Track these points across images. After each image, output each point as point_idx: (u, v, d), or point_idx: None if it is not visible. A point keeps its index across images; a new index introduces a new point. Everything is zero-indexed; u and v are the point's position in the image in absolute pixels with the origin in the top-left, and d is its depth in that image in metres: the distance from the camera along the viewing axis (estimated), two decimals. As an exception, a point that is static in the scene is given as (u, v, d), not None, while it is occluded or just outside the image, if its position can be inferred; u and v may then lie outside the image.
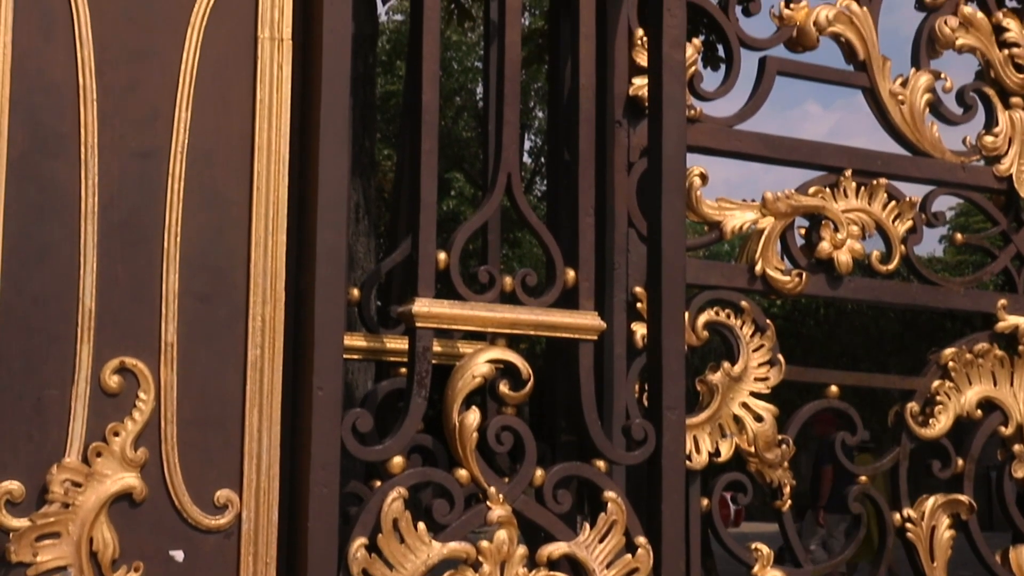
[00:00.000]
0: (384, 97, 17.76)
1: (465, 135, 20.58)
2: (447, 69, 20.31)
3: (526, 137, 20.73)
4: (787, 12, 3.24)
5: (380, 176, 14.06)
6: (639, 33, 3.08)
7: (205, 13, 2.39)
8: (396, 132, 16.80)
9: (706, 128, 3.11)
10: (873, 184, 3.27)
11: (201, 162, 2.37)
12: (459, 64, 20.93)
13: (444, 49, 20.25)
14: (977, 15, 3.46)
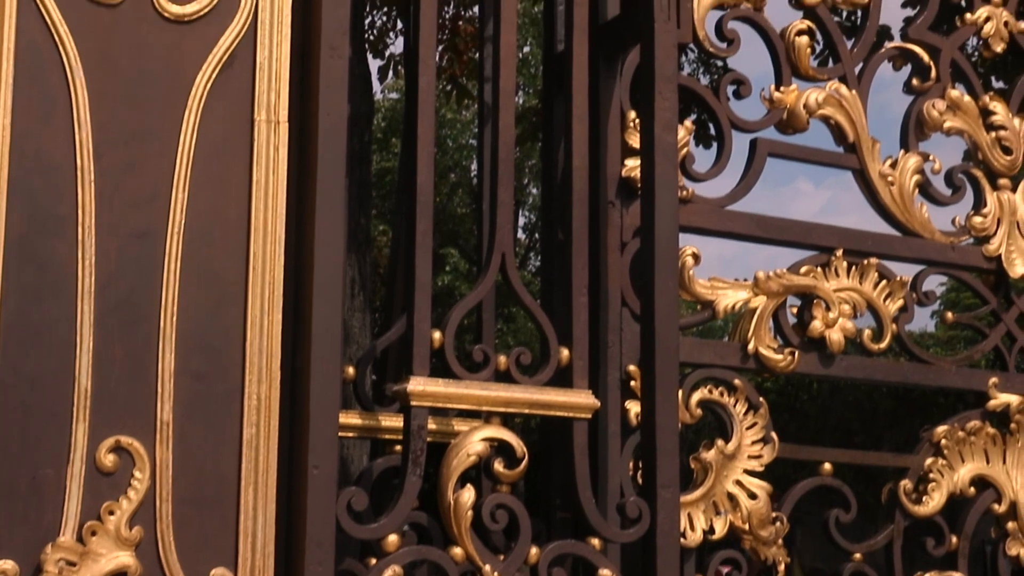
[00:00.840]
0: (379, 173, 17.88)
1: (460, 211, 20.70)
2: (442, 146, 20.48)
3: (520, 213, 20.85)
4: (777, 95, 3.30)
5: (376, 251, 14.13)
6: (632, 115, 3.12)
7: (202, 95, 2.43)
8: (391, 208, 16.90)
9: (698, 209, 3.15)
10: (864, 264, 3.30)
11: (198, 242, 2.40)
12: (454, 141, 21.11)
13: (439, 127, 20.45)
14: (964, 99, 3.52)
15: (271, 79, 2.49)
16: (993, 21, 3.62)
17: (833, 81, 3.38)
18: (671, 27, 2.97)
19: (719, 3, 3.25)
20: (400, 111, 16.50)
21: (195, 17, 2.43)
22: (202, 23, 2.44)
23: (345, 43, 2.54)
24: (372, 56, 9.90)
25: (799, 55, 3.32)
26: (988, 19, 3.62)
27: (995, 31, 3.62)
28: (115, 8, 2.36)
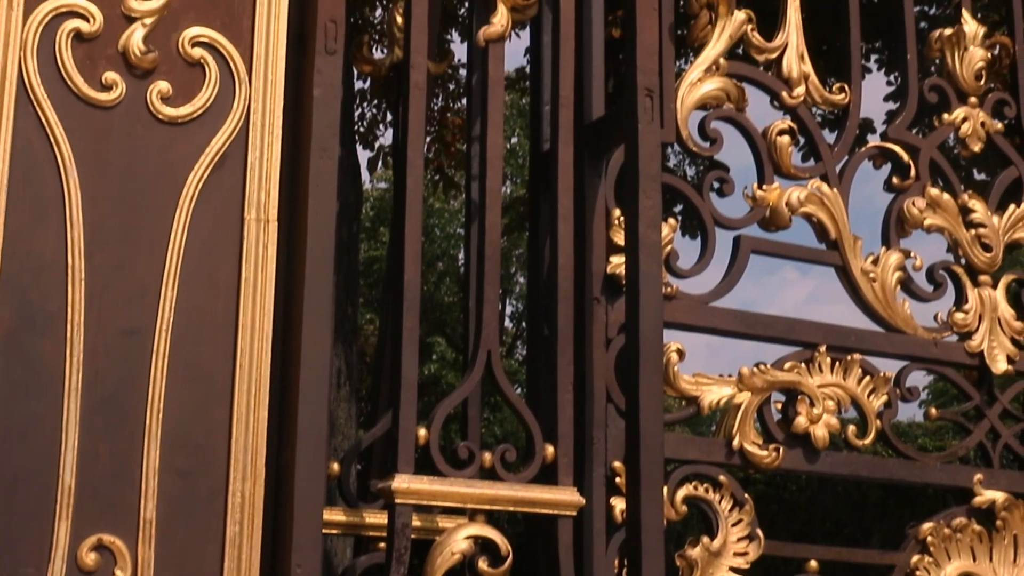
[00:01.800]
0: (367, 262, 17.96)
1: (447, 300, 20.75)
2: (429, 235, 20.61)
3: (507, 302, 20.92)
4: (760, 193, 3.35)
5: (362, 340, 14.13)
6: (616, 213, 3.17)
7: (194, 195, 2.47)
8: (379, 297, 16.95)
9: (682, 305, 3.18)
10: (848, 359, 3.33)
11: (185, 339, 2.41)
12: (441, 231, 21.24)
13: (427, 216, 20.59)
14: (944, 196, 3.58)
15: (262, 178, 2.53)
16: (970, 122, 3.69)
17: (815, 179, 3.43)
18: (655, 127, 3.03)
19: (702, 103, 3.31)
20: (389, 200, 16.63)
21: (189, 119, 2.48)
22: (195, 124, 2.49)
23: (335, 144, 2.59)
24: (362, 147, 10.02)
25: (781, 154, 3.38)
26: (965, 119, 3.69)
27: (972, 131, 3.68)
28: (110, 110, 2.41)
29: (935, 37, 3.76)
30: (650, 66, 3.05)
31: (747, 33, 3.38)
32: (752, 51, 3.45)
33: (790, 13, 3.49)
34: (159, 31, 2.47)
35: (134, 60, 2.43)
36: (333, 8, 2.63)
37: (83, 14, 2.39)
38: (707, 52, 3.33)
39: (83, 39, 2.39)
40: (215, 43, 2.53)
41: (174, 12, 2.49)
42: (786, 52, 3.46)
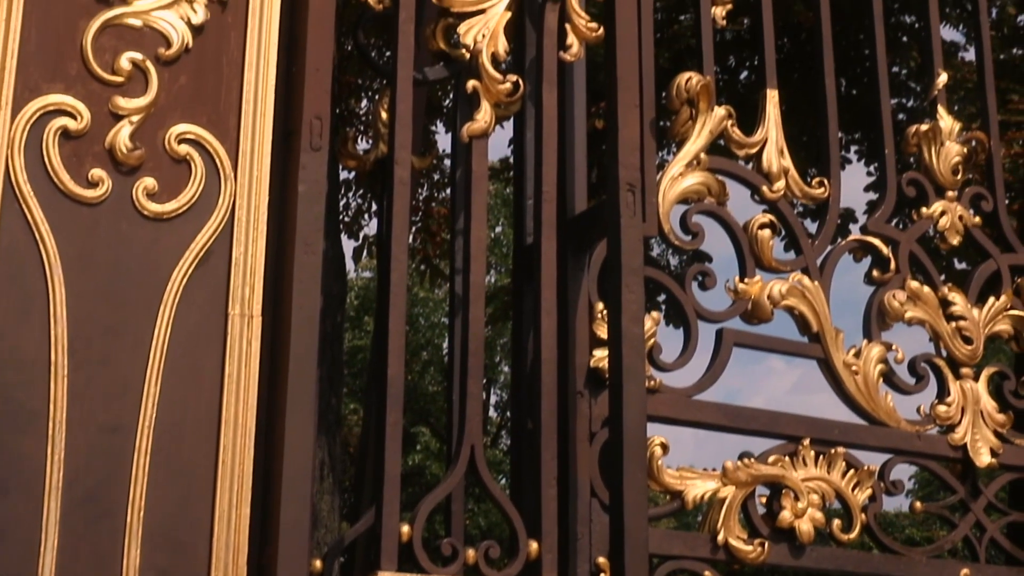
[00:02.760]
0: (352, 352, 17.95)
1: (432, 390, 20.69)
2: (414, 324, 20.61)
3: (492, 392, 20.87)
4: (742, 286, 3.37)
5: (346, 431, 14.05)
6: (599, 307, 3.18)
7: (178, 290, 2.47)
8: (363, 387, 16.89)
9: (666, 398, 3.18)
10: (832, 453, 3.33)
11: (168, 435, 2.40)
12: (426, 320, 21.25)
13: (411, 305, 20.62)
14: (924, 290, 3.61)
15: (246, 274, 2.54)
16: (948, 215, 3.74)
17: (796, 272, 3.46)
18: (637, 221, 3.06)
19: (684, 197, 3.35)
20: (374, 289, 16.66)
21: (174, 215, 2.49)
22: (180, 220, 2.50)
23: (319, 239, 2.61)
24: (347, 237, 10.07)
25: (762, 248, 3.41)
26: (943, 213, 3.73)
27: (950, 225, 3.73)
28: (96, 206, 2.42)
29: (912, 132, 3.82)
30: (631, 161, 3.09)
31: (727, 128, 3.43)
32: (732, 146, 3.49)
33: (769, 109, 3.54)
34: (146, 128, 2.50)
35: (120, 157, 2.45)
36: (318, 105, 2.66)
37: (71, 112, 2.42)
38: (688, 147, 3.37)
39: (70, 136, 2.42)
40: (201, 140, 2.55)
41: (161, 109, 2.52)
42: (766, 147, 3.51)
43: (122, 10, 2.52)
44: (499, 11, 3.02)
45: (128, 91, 2.49)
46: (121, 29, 2.51)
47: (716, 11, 3.56)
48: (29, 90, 2.40)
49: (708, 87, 3.35)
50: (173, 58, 2.55)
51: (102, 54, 2.48)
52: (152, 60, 2.52)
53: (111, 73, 2.47)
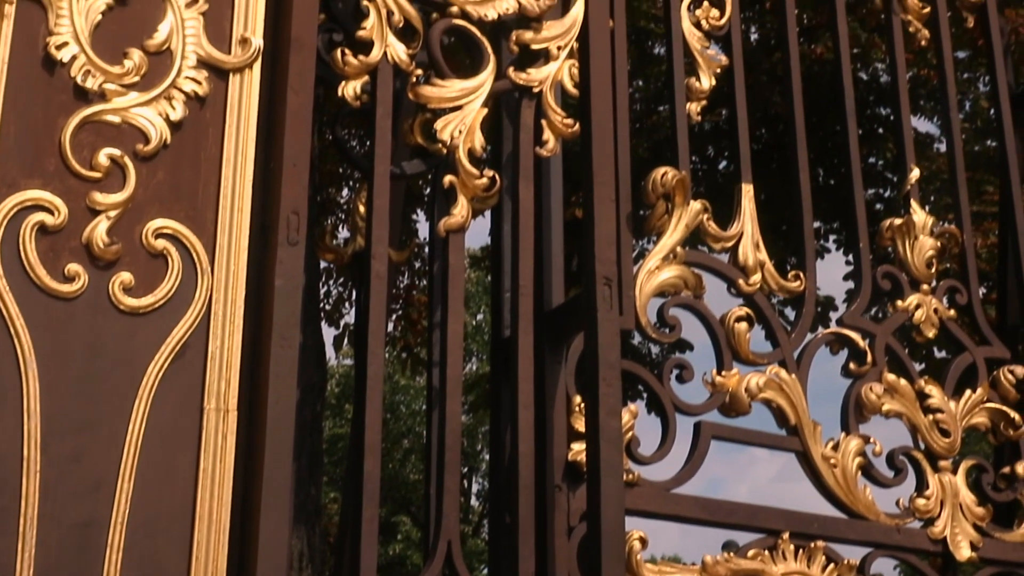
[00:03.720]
0: (332, 440, 17.82)
1: (412, 478, 20.54)
2: (395, 412, 20.53)
3: (473, 480, 20.73)
4: (719, 379, 3.38)
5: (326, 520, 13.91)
6: (577, 400, 3.18)
7: (153, 385, 2.46)
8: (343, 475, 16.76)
9: (644, 492, 3.17)
10: (811, 547, 3.31)
11: (141, 531, 2.38)
12: (407, 407, 21.17)
13: (392, 393, 20.55)
14: (900, 382, 3.62)
15: (222, 368, 2.53)
16: (923, 308, 3.76)
17: (773, 365, 3.47)
18: (614, 315, 3.07)
19: (660, 291, 3.37)
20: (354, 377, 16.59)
21: (150, 309, 2.49)
22: (156, 314, 2.50)
23: (296, 333, 2.61)
24: (327, 325, 10.05)
25: (739, 341, 3.42)
26: (919, 306, 3.76)
27: (926, 318, 3.76)
28: (72, 301, 2.42)
29: (886, 227, 3.86)
30: (608, 255, 3.11)
31: (703, 222, 3.46)
32: (709, 240, 3.53)
33: (744, 203, 3.58)
34: (123, 223, 2.50)
35: (97, 252, 2.45)
36: (296, 200, 2.68)
37: (48, 208, 2.43)
38: (664, 240, 3.40)
39: (47, 232, 2.42)
40: (178, 234, 2.56)
41: (139, 204, 2.53)
42: (742, 241, 3.54)
43: (101, 107, 2.54)
44: (475, 107, 3.06)
45: (106, 186, 2.50)
46: (100, 126, 2.53)
47: (691, 107, 3.62)
48: (7, 186, 2.41)
49: (684, 182, 3.38)
50: (151, 154, 2.56)
51: (80, 150, 2.49)
52: (130, 156, 2.54)
53: (89, 169, 2.49)
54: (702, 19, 3.70)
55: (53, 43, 2.52)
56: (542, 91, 3.19)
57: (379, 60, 2.95)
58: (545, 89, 3.19)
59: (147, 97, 2.60)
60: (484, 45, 3.12)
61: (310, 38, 2.81)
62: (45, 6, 2.54)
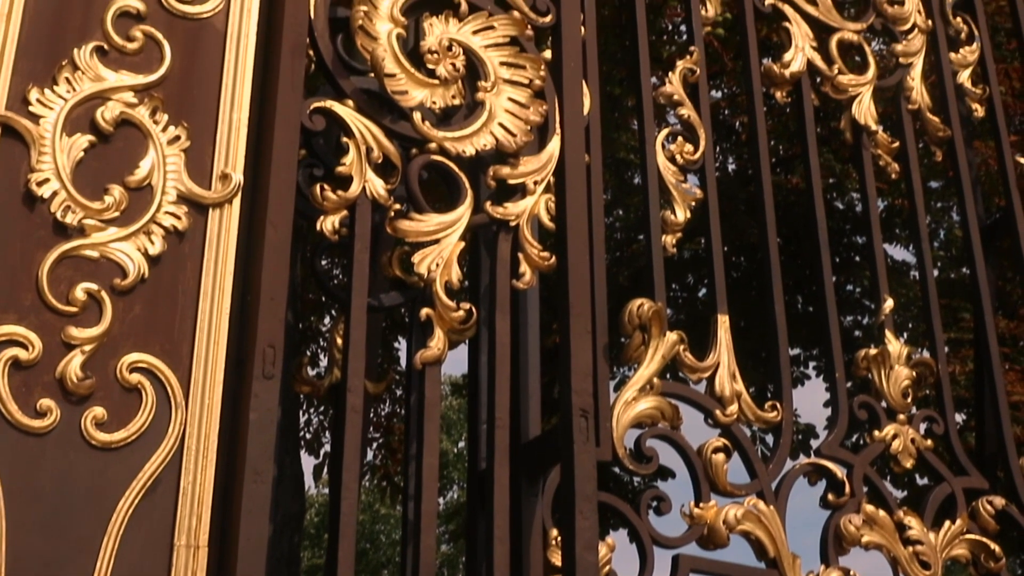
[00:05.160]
0: (310, 571, 17.53)
1: (395, 612, 20.23)
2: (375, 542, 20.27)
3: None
4: (697, 511, 3.35)
5: (303, 653, 13.62)
6: (553, 533, 3.15)
7: (123, 521, 2.43)
8: (321, 606, 16.46)
9: (623, 628, 3.12)
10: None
11: (107, 673, 2.33)
12: (387, 537, 20.90)
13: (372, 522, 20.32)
14: (879, 513, 3.60)
15: (194, 503, 2.51)
16: (900, 439, 3.77)
17: (751, 496, 3.45)
18: (590, 447, 3.06)
19: (637, 422, 3.36)
20: (334, 506, 16.38)
21: (122, 444, 2.48)
22: (128, 449, 2.48)
23: (270, 467, 2.59)
24: (307, 454, 9.97)
25: (716, 472, 3.41)
26: (896, 436, 3.77)
27: (903, 448, 3.76)
28: (43, 436, 2.41)
29: (861, 357, 3.88)
30: (584, 387, 3.12)
31: (679, 353, 3.48)
32: (685, 370, 3.54)
33: (720, 334, 3.60)
34: (97, 357, 2.50)
35: (71, 387, 2.45)
36: (272, 333, 2.69)
37: (23, 343, 2.43)
38: (641, 371, 3.41)
39: (21, 367, 2.42)
40: (153, 368, 2.56)
41: (114, 339, 2.53)
42: (718, 371, 3.55)
43: (80, 242, 2.56)
44: (452, 241, 3.09)
45: (81, 321, 2.51)
46: (78, 260, 2.55)
47: (667, 239, 3.66)
48: (-18, 320, 2.42)
49: (660, 313, 3.41)
50: (128, 288, 2.58)
51: (57, 284, 2.50)
52: (107, 290, 2.55)
53: (65, 303, 2.50)
54: (676, 154, 3.77)
55: (34, 179, 2.56)
56: (519, 225, 3.23)
57: (358, 195, 2.99)
58: (522, 223, 3.23)
59: (126, 232, 2.62)
60: (462, 180, 3.17)
61: (290, 174, 2.85)
62: (28, 143, 2.58)
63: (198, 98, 2.80)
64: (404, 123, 3.11)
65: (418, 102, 3.15)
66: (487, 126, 3.23)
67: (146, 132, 2.71)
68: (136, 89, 2.73)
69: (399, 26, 3.20)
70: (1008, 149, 4.49)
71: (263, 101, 2.89)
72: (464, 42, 3.29)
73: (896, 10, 4.42)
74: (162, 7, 2.83)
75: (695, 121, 3.80)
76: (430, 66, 3.21)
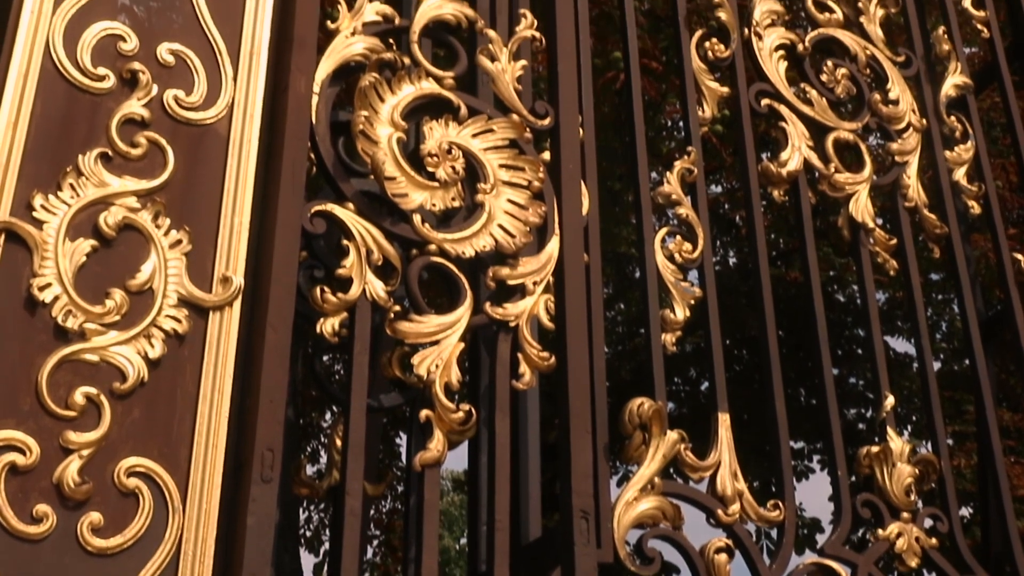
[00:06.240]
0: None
1: None
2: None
3: None
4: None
5: None
6: (556, 634, 3.12)
7: (120, 628, 2.42)
8: None
9: None
10: None
11: None
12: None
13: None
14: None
15: (191, 609, 2.49)
16: (905, 537, 3.73)
17: (756, 603, 3.42)
18: (591, 549, 3.04)
19: (639, 522, 3.34)
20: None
21: (118, 550, 2.46)
22: (124, 556, 2.46)
23: (267, 571, 2.57)
24: (307, 551, 9.88)
25: (719, 572, 3.37)
26: (900, 535, 3.73)
27: (908, 547, 3.72)
28: (38, 543, 2.39)
29: (863, 454, 3.86)
30: (585, 488, 3.10)
31: (680, 452, 3.46)
32: (686, 469, 3.52)
33: (721, 433, 3.59)
34: (95, 462, 2.50)
35: (68, 492, 2.44)
36: (271, 436, 2.69)
37: (21, 448, 2.42)
38: (642, 471, 3.39)
39: (18, 472, 2.41)
40: (151, 472, 2.55)
41: (112, 443, 2.53)
42: (719, 471, 3.54)
43: (80, 346, 2.57)
44: (452, 342, 3.10)
45: (80, 425, 2.50)
46: (78, 364, 2.55)
47: (666, 338, 3.67)
48: (-20, 425, 2.42)
49: (660, 412, 3.40)
50: (128, 392, 2.58)
51: (57, 389, 2.51)
52: (106, 394, 2.55)
53: (64, 408, 2.50)
54: (675, 252, 3.79)
55: (36, 284, 2.57)
56: (518, 325, 3.24)
57: (358, 297, 3.01)
58: (521, 323, 3.24)
59: (127, 336, 2.63)
60: (461, 281, 3.18)
61: (290, 276, 2.87)
62: (31, 248, 2.60)
63: (200, 202, 2.83)
64: (404, 225, 3.14)
65: (418, 204, 3.19)
66: (486, 227, 3.26)
67: (148, 236, 2.73)
68: (139, 194, 2.76)
69: (399, 130, 3.24)
70: (1005, 246, 4.51)
71: (265, 204, 2.92)
72: (464, 145, 3.33)
73: (891, 110, 4.47)
74: (166, 114, 2.87)
75: (693, 220, 3.83)
76: (430, 169, 3.25)
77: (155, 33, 2.94)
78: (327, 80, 3.24)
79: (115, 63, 2.86)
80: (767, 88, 4.26)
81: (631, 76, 4.02)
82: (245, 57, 3.02)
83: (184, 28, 2.99)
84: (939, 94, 4.69)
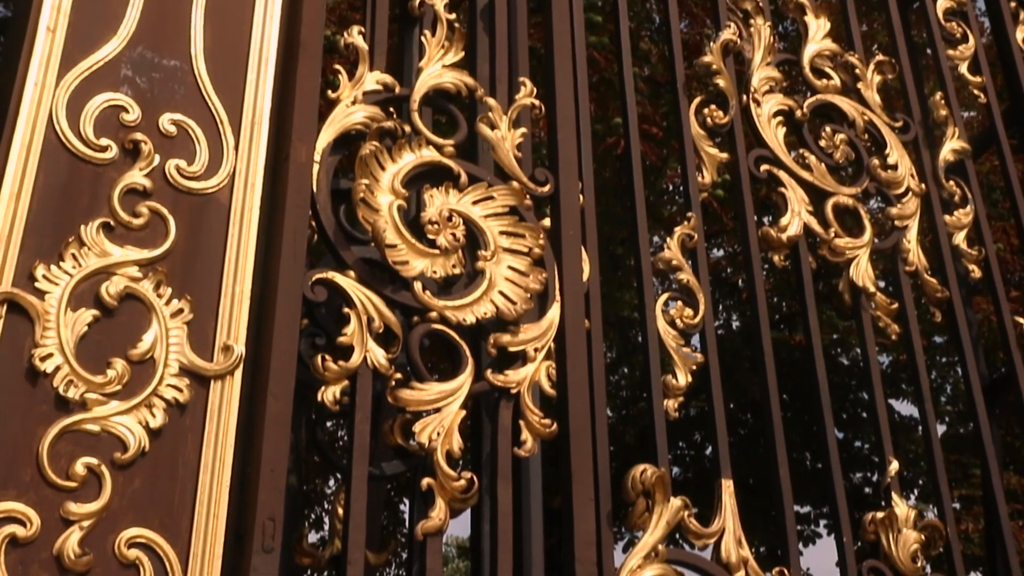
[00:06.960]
0: None
1: None
2: None
3: None
4: None
5: None
6: None
7: None
8: None
9: None
10: None
11: None
12: None
13: None
14: None
15: None
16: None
17: (762, 666, 3.38)
18: (595, 618, 3.01)
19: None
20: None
21: (117, 622, 2.44)
22: (123, 629, 2.45)
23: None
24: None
25: (725, 641, 3.35)
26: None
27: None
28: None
29: (868, 520, 3.83)
30: (588, 556, 3.08)
31: (684, 519, 3.44)
32: (690, 536, 3.49)
33: (725, 499, 3.57)
34: (96, 533, 2.49)
35: (68, 564, 2.43)
36: (272, 506, 2.67)
37: (21, 519, 2.41)
38: (646, 538, 3.37)
39: (18, 544, 2.40)
40: (152, 543, 2.54)
41: (113, 514, 2.52)
42: (724, 537, 3.51)
43: (81, 416, 2.57)
44: (454, 409, 3.09)
45: (81, 496, 2.50)
46: (79, 435, 2.55)
47: (669, 403, 3.66)
48: (-19, 502, 2.41)
49: (663, 479, 3.39)
50: (129, 462, 2.57)
51: (57, 460, 2.50)
52: (107, 464, 2.55)
53: (65, 479, 2.49)
54: (677, 318, 3.79)
55: (38, 354, 2.58)
56: (520, 392, 3.23)
57: (359, 365, 3.01)
58: (523, 390, 3.24)
59: (128, 405, 2.63)
60: (463, 348, 3.18)
61: (291, 345, 2.87)
62: (33, 318, 2.61)
63: (201, 271, 2.84)
64: (405, 292, 3.15)
65: (419, 272, 3.20)
66: (487, 294, 3.27)
67: (149, 305, 2.74)
68: (141, 264, 2.77)
69: (400, 198, 3.26)
70: (1007, 309, 4.51)
71: (266, 273, 2.93)
72: (464, 212, 3.35)
73: (889, 175, 4.49)
74: (168, 183, 2.89)
75: (694, 286, 3.84)
76: (431, 236, 3.26)
77: (157, 103, 2.97)
78: (328, 148, 3.27)
79: (117, 133, 2.89)
80: (766, 154, 4.28)
81: (631, 142, 4.05)
82: (247, 126, 3.05)
83: (186, 98, 3.02)
84: (938, 159, 4.71)
